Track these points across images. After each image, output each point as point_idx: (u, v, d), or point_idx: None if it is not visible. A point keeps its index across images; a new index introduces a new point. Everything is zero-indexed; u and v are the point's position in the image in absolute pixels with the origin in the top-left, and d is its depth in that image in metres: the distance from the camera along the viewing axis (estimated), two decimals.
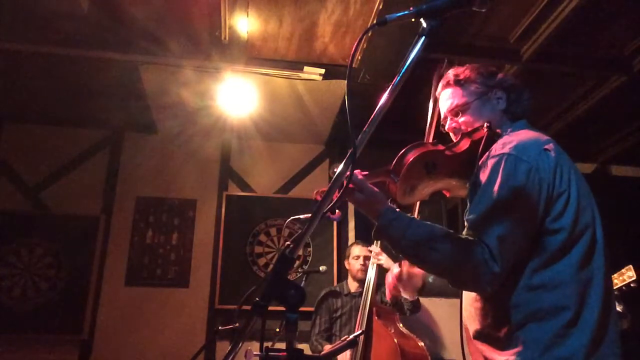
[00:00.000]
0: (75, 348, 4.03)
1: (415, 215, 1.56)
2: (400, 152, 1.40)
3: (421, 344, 3.11)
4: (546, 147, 1.30)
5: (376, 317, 3.14)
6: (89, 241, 4.24)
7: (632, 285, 2.87)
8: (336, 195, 1.02)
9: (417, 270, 1.68)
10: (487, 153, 1.35)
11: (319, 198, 1.40)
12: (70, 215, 4.29)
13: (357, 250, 3.83)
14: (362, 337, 3.01)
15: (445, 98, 1.57)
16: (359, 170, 1.37)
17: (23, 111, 4.38)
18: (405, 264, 1.66)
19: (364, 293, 3.20)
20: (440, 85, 1.60)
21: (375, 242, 3.26)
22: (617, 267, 2.81)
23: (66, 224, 4.25)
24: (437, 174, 1.41)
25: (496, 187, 1.25)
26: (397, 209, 1.33)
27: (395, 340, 2.98)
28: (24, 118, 4.45)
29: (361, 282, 3.70)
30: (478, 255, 1.20)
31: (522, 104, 1.52)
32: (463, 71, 1.55)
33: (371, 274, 3.21)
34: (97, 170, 4.51)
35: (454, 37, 3.33)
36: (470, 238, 1.25)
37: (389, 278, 1.70)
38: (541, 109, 4.08)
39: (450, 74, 1.56)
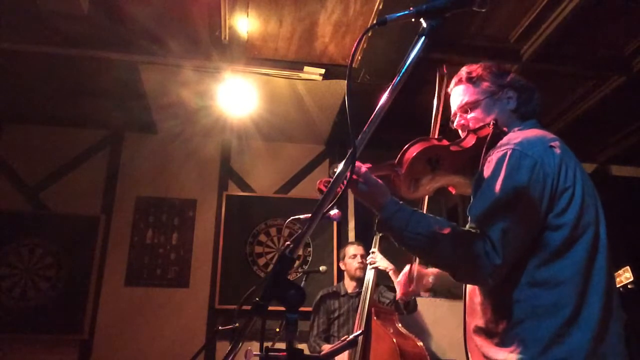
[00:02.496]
0: (75, 348, 4.02)
1: (424, 211, 1.55)
2: (405, 147, 1.39)
3: (420, 343, 3.11)
4: (552, 144, 1.30)
5: (375, 318, 3.14)
6: (89, 241, 4.23)
7: (629, 286, 2.86)
8: (340, 189, 1.02)
9: (429, 270, 1.68)
10: (492, 149, 1.35)
11: (322, 188, 1.40)
12: (70, 215, 4.29)
13: (352, 249, 3.83)
14: (361, 337, 3.01)
15: (456, 95, 1.56)
16: (363, 164, 1.36)
17: (23, 111, 4.38)
18: (417, 263, 1.66)
19: (362, 293, 3.20)
20: (452, 82, 1.60)
21: (373, 244, 3.26)
22: (617, 267, 2.81)
23: (66, 224, 4.25)
24: (441, 169, 1.40)
25: (500, 181, 1.24)
26: (401, 202, 1.32)
27: (394, 340, 2.98)
28: (24, 118, 4.45)
29: (359, 281, 3.70)
30: (480, 247, 1.20)
31: (533, 104, 1.52)
32: (475, 69, 1.55)
33: (370, 274, 3.22)
34: (97, 170, 4.51)
35: (454, 37, 3.33)
36: (472, 231, 1.25)
37: (401, 277, 1.70)
38: (541, 109, 4.07)
39: (463, 71, 1.56)
